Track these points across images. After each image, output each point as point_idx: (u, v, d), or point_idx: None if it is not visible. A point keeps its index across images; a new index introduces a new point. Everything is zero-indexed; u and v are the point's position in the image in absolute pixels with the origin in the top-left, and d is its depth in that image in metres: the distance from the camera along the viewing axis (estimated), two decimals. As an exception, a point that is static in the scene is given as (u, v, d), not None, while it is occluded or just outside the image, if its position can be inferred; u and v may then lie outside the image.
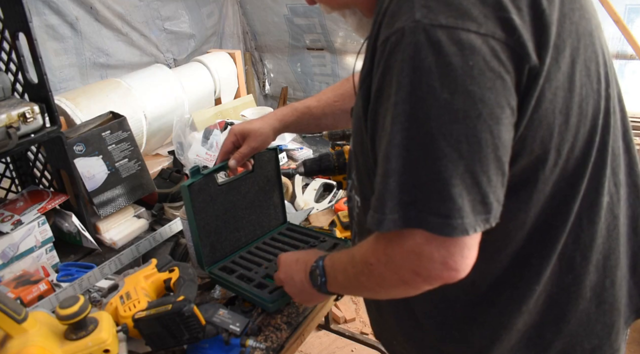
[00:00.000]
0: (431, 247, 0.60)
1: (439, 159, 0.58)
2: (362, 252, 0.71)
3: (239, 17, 3.16)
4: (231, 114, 2.03)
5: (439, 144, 0.57)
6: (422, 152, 0.59)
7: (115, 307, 1.01)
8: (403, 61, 0.59)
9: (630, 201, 0.81)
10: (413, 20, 0.58)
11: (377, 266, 0.67)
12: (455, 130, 0.57)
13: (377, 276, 0.68)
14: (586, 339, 0.77)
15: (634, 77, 3.55)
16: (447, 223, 0.58)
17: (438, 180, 0.58)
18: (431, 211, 0.59)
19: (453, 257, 0.60)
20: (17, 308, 0.86)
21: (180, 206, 1.52)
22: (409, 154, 0.59)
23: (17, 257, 1.26)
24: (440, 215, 0.58)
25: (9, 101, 1.22)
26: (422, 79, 0.57)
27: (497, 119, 0.58)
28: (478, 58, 0.57)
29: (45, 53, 2.02)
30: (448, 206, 0.58)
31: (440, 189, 0.58)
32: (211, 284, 1.21)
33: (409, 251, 0.62)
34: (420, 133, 0.58)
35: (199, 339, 0.95)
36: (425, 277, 0.62)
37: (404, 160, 0.60)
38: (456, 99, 0.57)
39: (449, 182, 0.58)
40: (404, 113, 0.59)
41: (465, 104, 0.57)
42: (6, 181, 1.50)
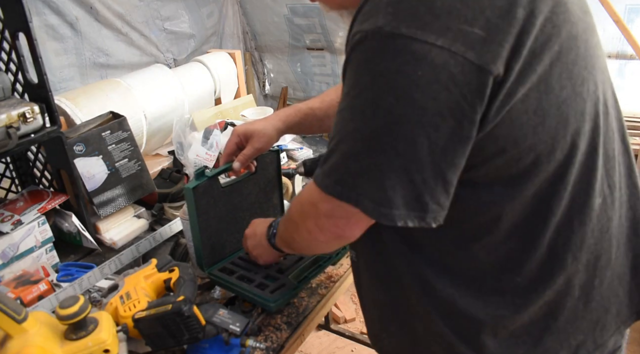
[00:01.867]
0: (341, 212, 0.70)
1: (379, 152, 0.64)
2: (295, 202, 0.83)
3: (239, 17, 3.16)
4: (231, 114, 2.03)
5: (381, 139, 0.64)
6: (366, 144, 0.65)
7: (115, 307, 1.01)
8: (359, 61, 0.65)
9: (631, 203, 0.81)
10: (376, 25, 0.62)
11: (302, 219, 0.79)
12: (396, 131, 0.63)
13: (301, 228, 0.80)
14: (572, 335, 0.78)
15: (634, 77, 3.55)
16: (377, 209, 0.65)
17: (376, 170, 0.65)
18: (366, 195, 0.66)
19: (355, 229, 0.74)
20: (17, 308, 0.86)
21: (180, 206, 1.52)
22: (357, 142, 0.66)
23: (17, 257, 1.26)
24: (373, 201, 0.65)
25: (9, 101, 1.22)
26: (373, 81, 0.63)
27: (436, 127, 0.62)
28: (428, 69, 0.60)
29: (45, 53, 2.02)
30: (379, 194, 0.65)
31: (376, 179, 0.65)
32: (211, 284, 1.21)
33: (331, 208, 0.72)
34: (367, 128, 0.65)
35: (199, 339, 0.95)
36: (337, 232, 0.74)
37: (353, 146, 0.67)
38: (400, 103, 0.62)
39: (384, 174, 0.64)
40: (356, 109, 0.66)
41: (407, 110, 0.62)
42: (6, 181, 1.50)
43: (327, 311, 1.66)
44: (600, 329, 0.80)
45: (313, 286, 1.23)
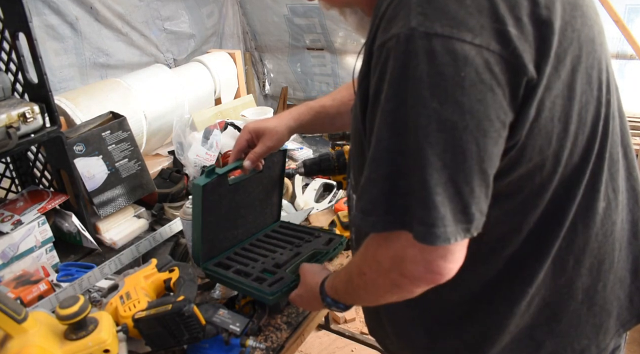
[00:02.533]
0: (415, 251, 0.62)
1: (424, 167, 0.58)
2: (356, 265, 0.75)
3: (239, 17, 3.16)
4: (231, 114, 2.03)
5: (425, 152, 0.58)
6: (408, 159, 0.60)
7: (115, 307, 1.01)
8: (395, 68, 0.59)
9: (630, 206, 0.81)
10: (409, 27, 0.58)
11: (370, 273, 0.70)
12: (442, 140, 0.58)
13: (371, 284, 0.71)
14: (576, 339, 0.77)
15: (634, 77, 3.55)
16: (430, 231, 0.59)
17: (422, 188, 0.59)
18: (415, 219, 0.60)
19: (436, 262, 0.62)
20: (17, 308, 0.86)
21: (180, 206, 1.52)
22: (396, 160, 0.61)
23: (17, 257, 1.26)
24: (424, 223, 0.59)
25: (9, 101, 1.22)
26: (413, 87, 0.58)
27: (484, 132, 0.58)
28: (470, 69, 0.57)
29: (45, 53, 2.02)
30: (432, 214, 0.59)
31: (424, 197, 0.59)
32: (211, 284, 1.21)
33: (395, 254, 0.65)
34: (408, 141, 0.59)
35: (199, 339, 0.95)
36: (412, 279, 0.64)
37: (391, 166, 0.61)
38: (445, 109, 0.57)
39: (433, 190, 0.58)
40: (393, 120, 0.60)
41: (454, 115, 0.57)
42: (6, 181, 1.50)
43: (327, 311, 1.66)
44: (603, 333, 0.80)
45: (313, 286, 1.23)
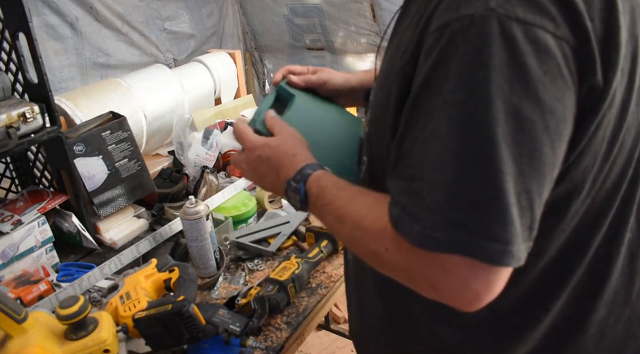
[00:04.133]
0: (469, 274, 0.52)
1: (501, 172, 0.50)
2: (376, 227, 0.60)
3: (239, 17, 3.16)
4: (231, 114, 2.03)
5: (502, 155, 0.49)
6: (481, 163, 0.50)
7: (115, 307, 1.01)
8: (467, 54, 0.51)
9: None
10: (486, 7, 0.50)
11: (388, 258, 0.59)
12: (520, 141, 0.50)
13: (383, 263, 0.61)
14: None
15: (634, 77, 3.52)
16: (506, 250, 0.50)
17: (497, 198, 0.50)
18: (487, 235, 0.50)
19: (488, 288, 0.53)
20: (17, 308, 0.86)
21: (180, 206, 1.52)
22: (465, 164, 0.51)
23: (17, 257, 1.26)
24: (498, 240, 0.50)
25: (9, 101, 1.22)
26: (490, 77, 0.50)
27: (559, 135, 0.52)
28: (552, 63, 0.50)
29: (45, 53, 2.02)
30: (508, 229, 0.50)
31: (500, 209, 0.50)
32: (211, 284, 1.21)
33: (442, 267, 0.54)
34: (481, 140, 0.50)
35: (199, 339, 0.95)
36: (442, 296, 0.55)
37: (458, 171, 0.51)
38: (525, 106, 0.50)
39: (509, 201, 0.50)
40: (463, 115, 0.51)
41: (534, 114, 0.50)
42: (6, 181, 1.50)
43: (327, 311, 1.66)
44: None
45: (313, 286, 1.23)
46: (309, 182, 0.71)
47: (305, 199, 0.71)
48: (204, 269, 1.27)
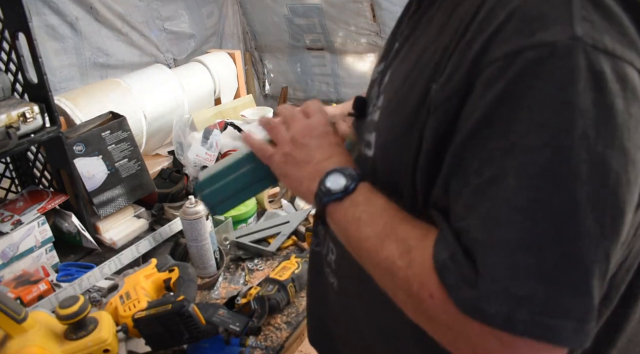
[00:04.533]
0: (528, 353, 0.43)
1: (582, 236, 0.41)
2: (422, 267, 0.50)
3: (239, 17, 3.16)
4: (231, 114, 2.03)
5: (585, 215, 0.41)
6: (557, 223, 0.42)
7: (115, 307, 1.01)
8: (547, 90, 0.42)
9: None
10: (572, 36, 0.42)
11: (431, 307, 0.48)
12: (603, 198, 0.42)
13: (422, 311, 0.50)
14: None
15: (634, 77, 3.53)
16: (580, 329, 0.41)
17: (576, 266, 0.41)
18: (558, 312, 0.41)
19: None
20: (17, 307, 0.86)
21: (180, 206, 1.52)
22: (536, 224, 0.42)
23: (17, 257, 1.26)
24: (572, 318, 0.41)
25: (9, 101, 1.22)
26: (575, 120, 0.41)
27: (638, 188, 0.44)
28: (637, 105, 0.43)
29: (45, 53, 2.02)
30: (587, 304, 0.41)
31: (580, 281, 0.41)
32: (211, 284, 1.21)
33: (494, 338, 0.44)
34: (560, 196, 0.41)
35: (199, 339, 0.95)
36: None
37: (527, 232, 0.42)
38: (610, 156, 0.42)
39: (591, 270, 0.41)
40: (537, 165, 0.42)
41: (619, 165, 0.42)
42: (6, 181, 1.50)
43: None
44: None
45: (313, 286, 1.23)
46: (361, 184, 0.60)
47: (349, 191, 0.59)
48: (203, 269, 1.27)
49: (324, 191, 0.61)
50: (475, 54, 0.47)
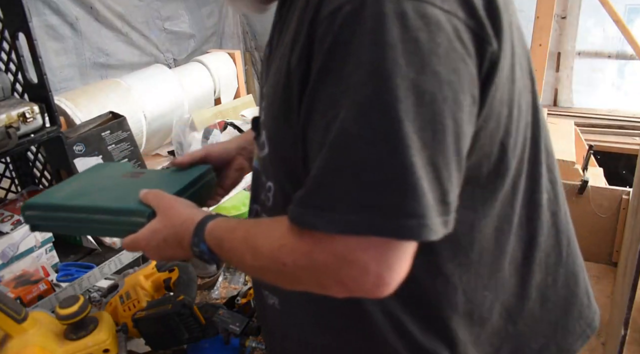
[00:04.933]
0: (370, 255, 0.52)
1: (407, 148, 0.50)
2: (271, 248, 0.59)
3: (239, 17, 3.16)
4: (231, 114, 2.03)
5: (406, 130, 0.50)
6: (386, 141, 0.50)
7: (115, 307, 1.01)
8: (362, 34, 0.51)
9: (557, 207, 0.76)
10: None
11: (293, 268, 0.57)
12: (420, 115, 0.50)
13: (290, 276, 0.59)
14: (533, 339, 0.74)
15: (634, 77, 3.54)
16: (422, 224, 0.50)
17: (407, 174, 0.50)
18: (401, 212, 0.50)
19: (391, 267, 0.52)
20: (17, 307, 0.86)
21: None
22: (370, 145, 0.50)
23: (17, 257, 1.26)
24: (413, 215, 0.50)
25: (9, 101, 1.22)
26: (386, 55, 0.50)
27: (460, 106, 0.53)
28: (443, 36, 0.51)
29: (45, 53, 2.02)
30: (421, 202, 0.50)
31: (410, 184, 0.50)
32: (211, 285, 1.21)
33: (341, 257, 0.53)
34: (385, 118, 0.50)
35: (199, 339, 0.95)
36: (350, 288, 0.54)
37: (364, 152, 0.51)
38: (423, 79, 0.50)
39: (418, 175, 0.50)
40: (364, 96, 0.51)
41: (432, 86, 0.51)
42: (6, 181, 1.50)
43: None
44: (562, 332, 0.76)
45: (313, 286, 1.23)
46: (207, 240, 0.68)
47: (213, 254, 0.68)
48: (203, 269, 1.27)
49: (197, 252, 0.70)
50: (310, 19, 0.55)
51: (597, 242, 2.72)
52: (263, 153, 0.72)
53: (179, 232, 0.72)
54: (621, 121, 3.46)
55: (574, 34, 3.51)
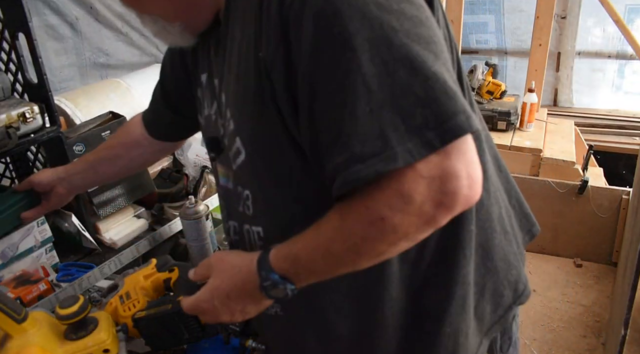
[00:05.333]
0: (453, 161, 0.53)
1: (425, 62, 0.54)
2: (359, 215, 0.57)
3: (239, 17, 3.16)
4: (231, 114, 2.03)
5: (416, 49, 0.54)
6: (405, 64, 0.53)
7: (115, 307, 1.01)
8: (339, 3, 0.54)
9: (490, 142, 0.82)
10: None
11: (393, 215, 0.55)
12: (420, 33, 0.55)
13: (391, 229, 0.56)
14: (508, 272, 0.79)
15: (634, 77, 3.54)
16: (468, 116, 0.53)
17: (436, 81, 0.53)
18: (447, 117, 0.53)
19: (473, 162, 0.55)
20: (17, 307, 0.86)
21: (180, 206, 1.52)
22: (393, 75, 0.53)
23: (16, 257, 1.26)
24: (459, 112, 0.53)
25: (9, 101, 1.22)
26: (366, 1, 0.54)
27: (435, 23, 0.60)
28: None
29: (45, 53, 2.02)
30: (459, 100, 0.53)
31: (443, 89, 0.53)
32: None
33: (430, 177, 0.53)
34: (394, 48, 0.54)
35: (199, 339, 0.95)
36: (451, 203, 0.54)
37: (391, 83, 0.53)
38: (406, 7, 0.56)
39: (445, 79, 0.54)
40: (367, 41, 0.54)
41: (414, 10, 0.57)
42: (6, 181, 1.50)
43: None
44: (522, 260, 0.84)
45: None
46: (275, 267, 0.65)
47: (287, 280, 0.64)
48: (203, 269, 1.27)
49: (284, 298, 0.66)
50: (276, 7, 0.58)
51: (597, 242, 2.72)
52: (237, 164, 0.72)
53: (240, 279, 0.69)
54: (621, 121, 3.46)
55: (574, 34, 3.52)
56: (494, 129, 2.90)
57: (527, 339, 2.27)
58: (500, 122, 2.88)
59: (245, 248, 0.78)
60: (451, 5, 3.03)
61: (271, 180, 0.69)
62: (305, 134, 0.60)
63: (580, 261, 2.76)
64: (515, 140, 2.82)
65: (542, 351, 2.23)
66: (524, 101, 2.90)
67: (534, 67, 3.03)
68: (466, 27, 3.64)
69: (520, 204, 0.89)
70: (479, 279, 0.76)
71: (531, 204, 0.92)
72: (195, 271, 0.78)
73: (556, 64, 3.68)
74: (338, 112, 0.55)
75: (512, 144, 2.78)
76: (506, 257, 0.79)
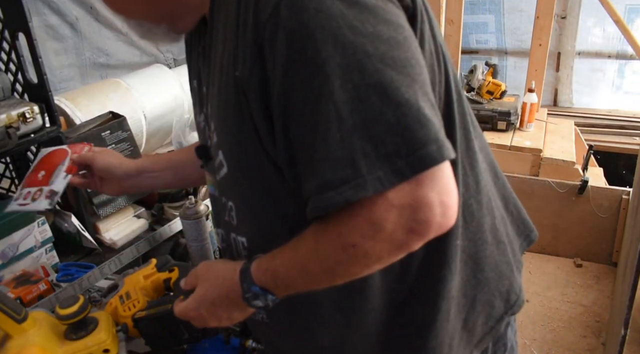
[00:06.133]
0: (425, 190, 0.53)
1: (398, 89, 0.52)
2: (332, 240, 0.58)
3: (239, 17, 3.16)
4: (231, 114, 2.03)
5: (389, 74, 0.53)
6: (377, 90, 0.52)
7: (115, 307, 1.01)
8: (310, 18, 0.53)
9: (486, 150, 0.82)
10: None
11: (364, 242, 0.56)
12: (396, 56, 0.54)
13: (363, 255, 0.57)
14: (500, 282, 0.78)
15: (634, 77, 3.55)
16: (443, 146, 0.52)
17: (409, 108, 0.52)
18: (418, 146, 0.52)
19: (447, 190, 0.54)
20: (17, 307, 0.86)
21: (180, 206, 1.52)
22: (365, 101, 0.52)
23: (16, 257, 1.26)
24: (431, 141, 0.52)
25: (9, 101, 1.22)
26: (340, 24, 0.53)
27: (415, 43, 0.58)
28: None
29: (45, 53, 2.02)
30: (432, 129, 0.52)
31: (416, 117, 0.52)
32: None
33: (401, 206, 0.53)
34: (366, 74, 0.52)
35: (199, 339, 0.95)
36: (423, 230, 0.54)
37: (363, 110, 0.52)
38: (382, 29, 0.54)
39: (418, 106, 0.52)
40: (338, 67, 0.52)
41: (391, 31, 0.55)
42: (6, 181, 1.50)
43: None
44: (515, 270, 0.82)
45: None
46: (256, 279, 0.66)
47: (267, 291, 0.66)
48: (203, 269, 1.27)
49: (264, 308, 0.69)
50: (252, 26, 0.57)
51: (597, 242, 2.72)
52: (220, 175, 0.73)
53: (224, 288, 0.70)
54: (621, 121, 3.46)
55: (574, 34, 3.52)
56: (494, 129, 2.90)
57: (527, 339, 2.27)
58: (500, 122, 2.88)
59: (233, 256, 0.79)
60: (451, 5, 3.03)
61: (253, 194, 0.69)
62: (281, 152, 0.60)
63: (580, 261, 2.76)
64: (515, 140, 2.83)
65: (542, 351, 2.23)
66: (524, 100, 2.90)
67: (534, 67, 3.03)
68: (466, 27, 3.64)
69: (518, 210, 0.88)
70: (469, 292, 0.75)
71: (531, 204, 0.92)
72: (186, 281, 0.79)
73: (556, 64, 3.68)
74: (311, 136, 0.55)
75: (512, 144, 2.78)
76: (497, 268, 0.79)
